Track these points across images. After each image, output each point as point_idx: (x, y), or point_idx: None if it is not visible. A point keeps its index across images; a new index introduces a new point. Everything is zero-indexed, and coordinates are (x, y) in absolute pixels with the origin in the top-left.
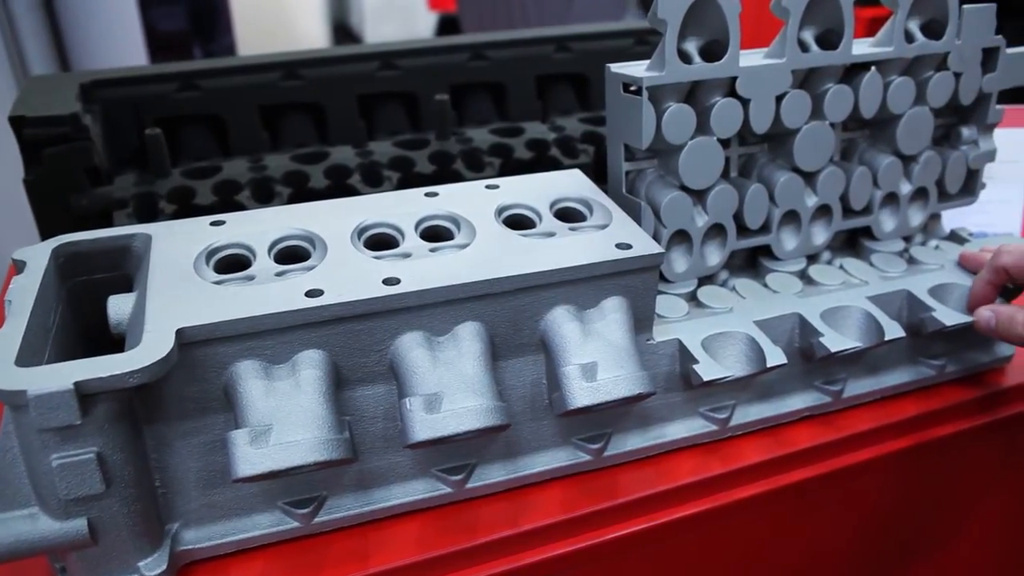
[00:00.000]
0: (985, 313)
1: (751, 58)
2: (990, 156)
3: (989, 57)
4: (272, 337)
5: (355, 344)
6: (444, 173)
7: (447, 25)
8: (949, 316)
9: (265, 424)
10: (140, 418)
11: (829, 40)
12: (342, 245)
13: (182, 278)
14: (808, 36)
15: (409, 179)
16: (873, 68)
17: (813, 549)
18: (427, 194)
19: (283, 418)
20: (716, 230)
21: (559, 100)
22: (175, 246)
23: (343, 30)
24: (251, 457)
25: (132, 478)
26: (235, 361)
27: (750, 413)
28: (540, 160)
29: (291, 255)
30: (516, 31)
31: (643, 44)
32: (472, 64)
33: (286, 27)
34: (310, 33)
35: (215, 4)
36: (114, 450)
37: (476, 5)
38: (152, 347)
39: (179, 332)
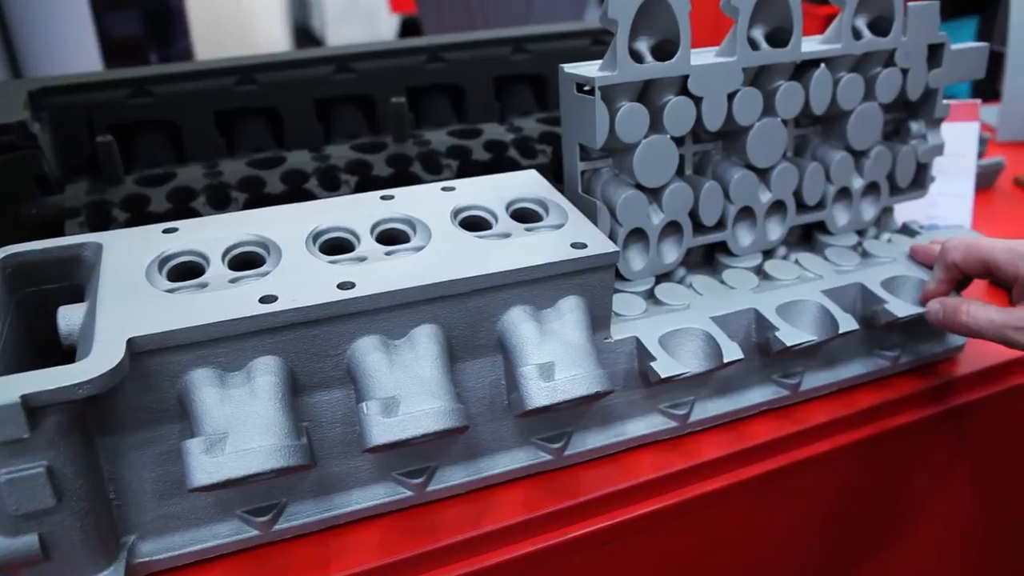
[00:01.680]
0: (934, 305)
1: (702, 56)
2: (938, 150)
3: (934, 53)
4: (226, 344)
5: (311, 349)
6: (402, 176)
7: (409, 27)
8: (901, 308)
9: (221, 432)
10: (92, 429)
11: (779, 38)
12: (297, 250)
13: (133, 287)
14: (758, 34)
15: (366, 183)
16: (823, 65)
17: (775, 541)
18: (383, 197)
19: (239, 426)
20: (672, 228)
21: (517, 101)
22: (126, 255)
23: (305, 33)
24: (207, 466)
25: (84, 491)
26: (189, 369)
27: (709, 408)
28: (498, 161)
29: (245, 261)
30: (473, 32)
31: (599, 44)
32: (429, 66)
33: (246, 31)
34: (271, 36)
35: (171, 8)
36: (65, 463)
37: (436, 7)
38: (102, 357)
39: (130, 342)
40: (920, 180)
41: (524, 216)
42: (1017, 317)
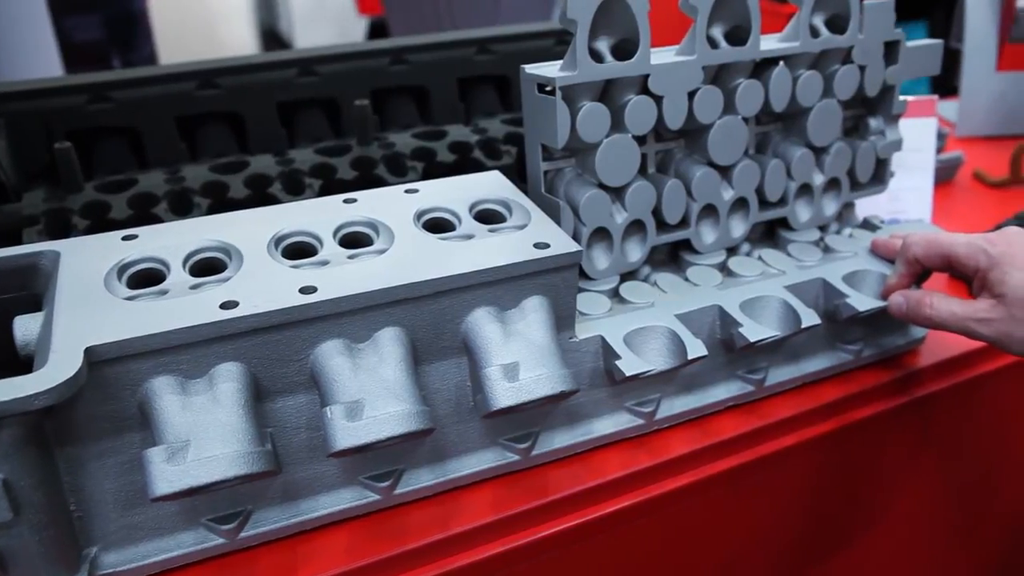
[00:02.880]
0: (897, 299)
1: (662, 56)
2: (897, 145)
3: (891, 50)
4: (187, 351)
5: (273, 355)
6: (366, 179)
7: (378, 29)
8: (862, 302)
9: (182, 440)
10: (51, 440)
11: (738, 36)
12: (259, 255)
13: (92, 295)
14: (717, 33)
15: (331, 186)
16: (782, 63)
17: (744, 536)
18: (346, 201)
19: (201, 433)
20: (636, 226)
21: (482, 102)
22: (85, 263)
23: (272, 36)
24: (168, 475)
25: (43, 503)
26: (149, 377)
27: (675, 405)
28: (463, 163)
29: (207, 267)
30: (436, 34)
31: (563, 44)
32: (393, 68)
33: (212, 34)
34: (237, 40)
35: (133, 13)
36: (22, 476)
37: (403, 9)
38: (59, 367)
39: (88, 351)
40: (880, 175)
41: (488, 217)
42: (977, 309)
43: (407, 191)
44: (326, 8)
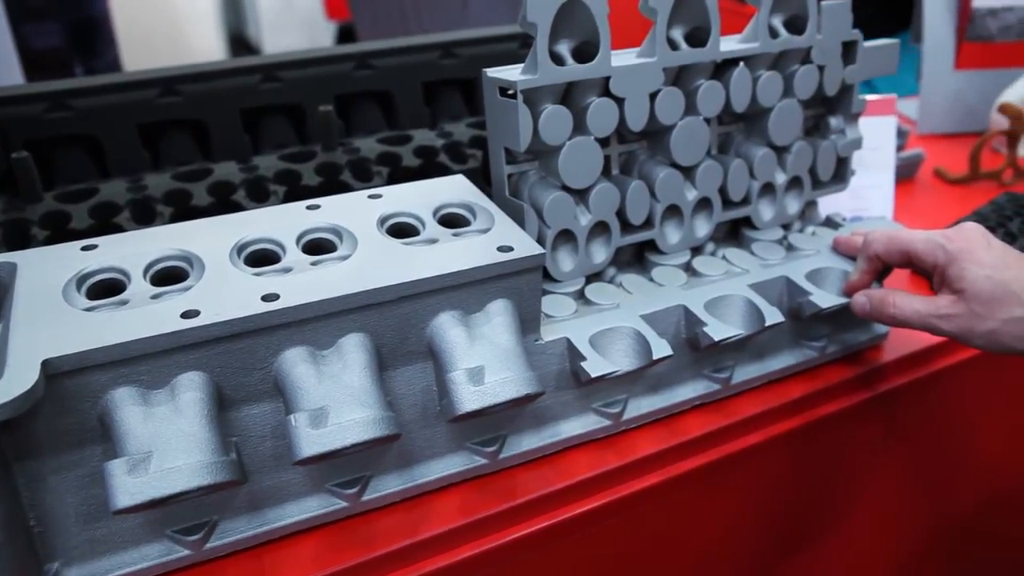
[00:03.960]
0: (860, 298)
1: (623, 58)
2: (857, 144)
3: (848, 50)
4: (147, 362)
5: (236, 363)
6: (331, 184)
7: (346, 34)
8: (825, 299)
9: (144, 452)
10: (8, 455)
11: (698, 38)
12: (221, 263)
13: (49, 307)
14: (677, 35)
15: (296, 192)
16: (742, 63)
17: (714, 534)
18: (309, 207)
19: (163, 444)
20: (600, 228)
21: (447, 106)
22: (43, 274)
23: (240, 41)
24: (129, 487)
25: (1, 520)
26: (109, 389)
27: (642, 406)
28: (429, 167)
29: (168, 277)
30: (401, 38)
31: (528, 47)
32: (357, 73)
33: (178, 40)
34: (204, 45)
35: (95, 18)
36: None
37: (371, 14)
38: (14, 381)
39: (45, 363)
40: (841, 174)
41: (452, 221)
42: (939, 306)
43: (371, 196)
44: (294, 13)
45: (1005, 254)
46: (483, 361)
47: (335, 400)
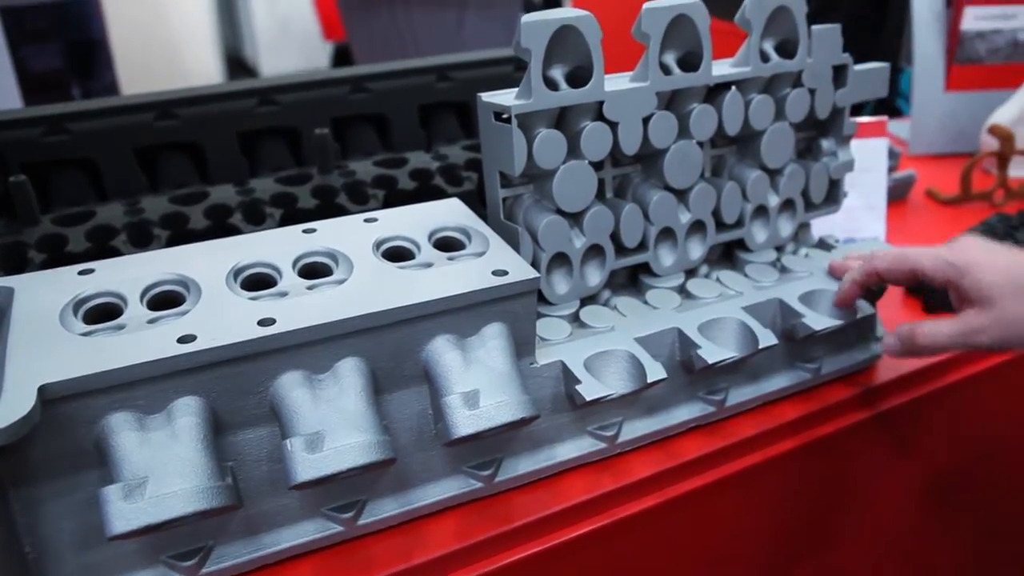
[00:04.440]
0: (889, 340)
1: (617, 82)
2: (849, 166)
3: (839, 74)
4: (144, 387)
5: (233, 388)
6: (328, 207)
7: (343, 54)
8: (818, 321)
9: (140, 477)
10: (4, 480)
11: (690, 62)
12: (217, 288)
13: (46, 331)
14: (670, 59)
15: (292, 215)
16: (734, 87)
17: (711, 556)
18: (305, 231)
19: (159, 469)
20: (595, 251)
21: (442, 128)
22: (40, 298)
23: (237, 62)
24: (125, 513)
25: None
26: (106, 414)
27: (637, 428)
28: (424, 190)
29: (165, 301)
30: (397, 62)
31: (522, 70)
32: (353, 96)
33: (175, 61)
34: (202, 66)
35: (93, 40)
36: None
37: (367, 35)
38: (11, 406)
39: (42, 388)
40: (833, 196)
41: (447, 245)
42: (968, 321)
43: (366, 220)
44: (291, 33)
45: (1008, 253)
46: (478, 385)
47: (331, 424)
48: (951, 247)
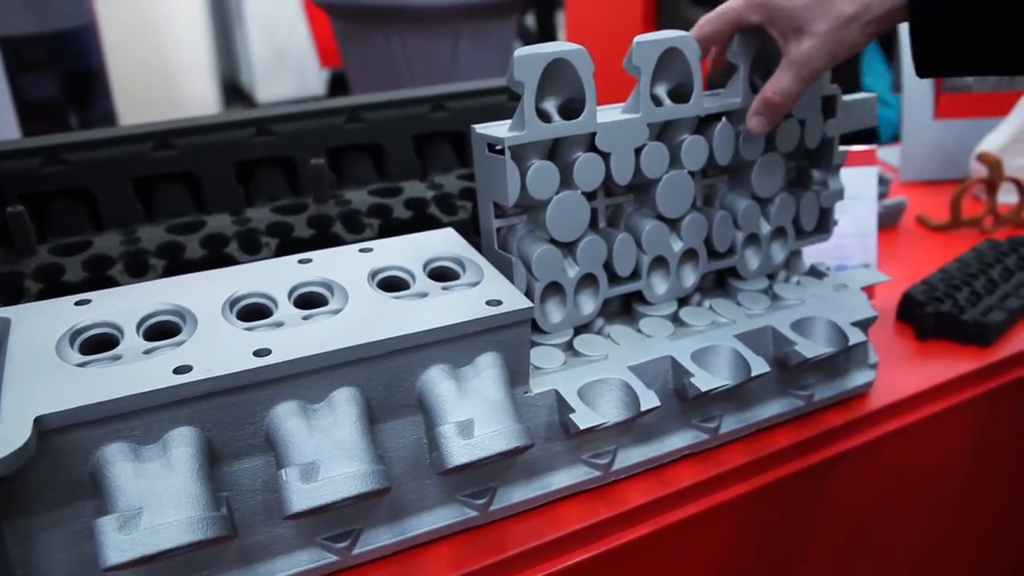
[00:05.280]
0: (752, 121)
1: (609, 114)
2: (839, 195)
3: (828, 104)
4: (140, 417)
5: (228, 418)
6: (323, 237)
7: (339, 82)
8: (810, 348)
9: (135, 508)
10: None
11: (681, 94)
12: (213, 318)
13: (43, 362)
14: (661, 91)
15: (288, 244)
16: (724, 118)
17: None
18: (301, 261)
19: (154, 500)
20: (588, 280)
21: (437, 158)
22: (36, 329)
23: (233, 89)
24: (120, 544)
25: None
26: (101, 445)
27: (632, 456)
28: (419, 219)
29: (161, 331)
30: (392, 92)
31: (516, 99)
32: (349, 126)
33: (172, 88)
34: (198, 94)
35: (91, 70)
36: None
37: (362, 63)
38: (7, 438)
39: (38, 420)
40: (824, 224)
41: (441, 275)
42: (795, 57)
43: (361, 250)
44: (287, 61)
45: None
46: (473, 414)
47: (326, 454)
48: None
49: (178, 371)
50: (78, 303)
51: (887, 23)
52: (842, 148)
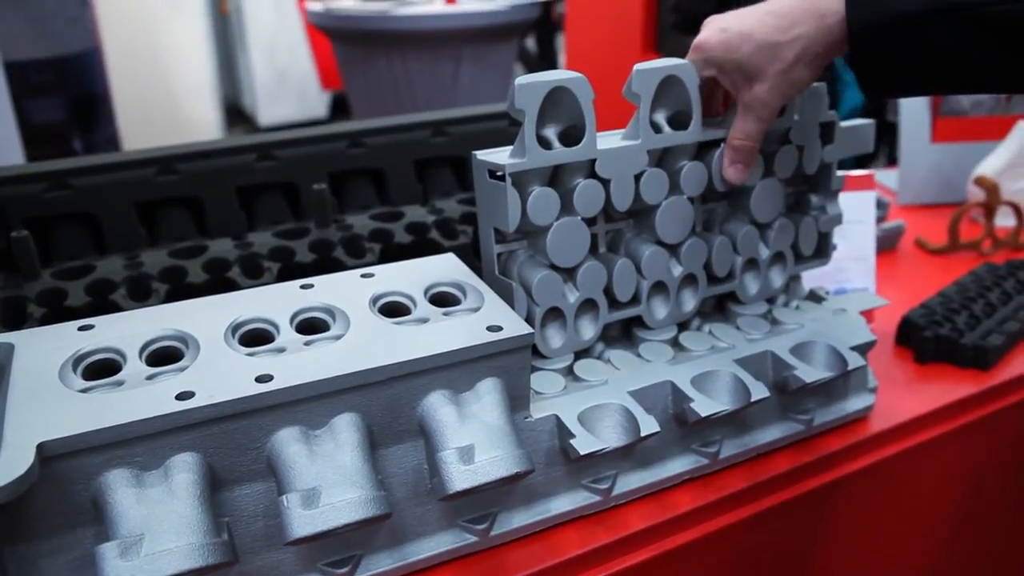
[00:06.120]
0: (729, 171)
1: (608, 140)
2: (837, 220)
3: (826, 131)
4: (142, 444)
5: (230, 444)
6: (325, 261)
7: (341, 104)
8: (809, 373)
9: (136, 534)
10: (0, 537)
11: (680, 121)
12: (215, 344)
13: (46, 388)
14: (660, 118)
15: (289, 269)
16: (723, 144)
17: None
18: (303, 286)
19: (156, 526)
20: (588, 305)
21: (439, 182)
22: (39, 355)
23: (236, 112)
24: (121, 571)
25: None
26: (103, 471)
27: (632, 481)
28: (420, 243)
29: (164, 356)
30: (393, 117)
31: (517, 124)
32: (351, 151)
33: (175, 112)
34: (201, 117)
35: (95, 94)
36: None
37: (364, 87)
38: (10, 465)
39: (40, 446)
40: (823, 248)
41: (442, 300)
42: (750, 103)
43: (363, 275)
44: (289, 83)
45: (737, 19)
46: (473, 440)
47: (327, 480)
48: (696, 47)
49: (180, 397)
50: (81, 328)
51: (831, 56)
52: (840, 173)
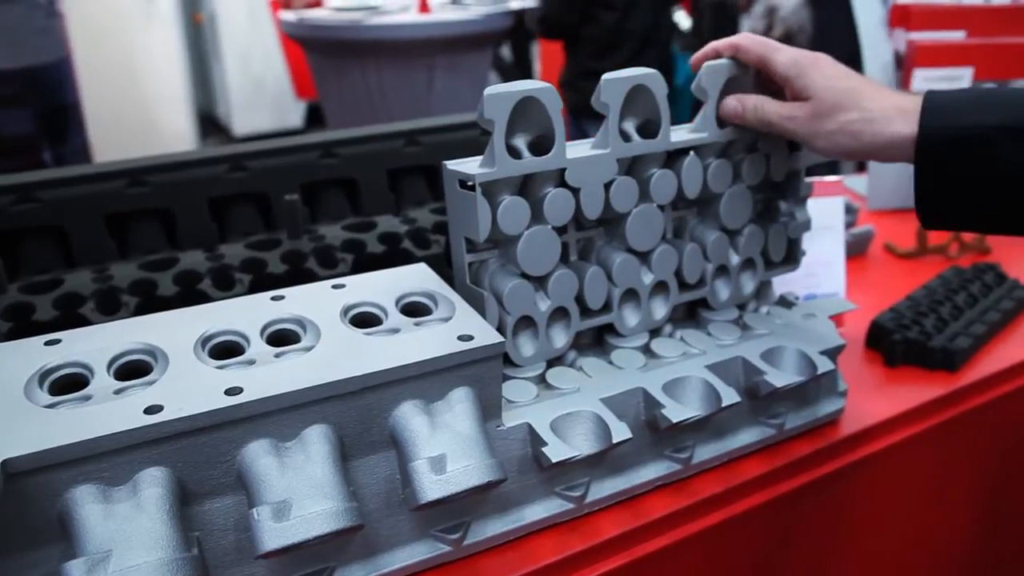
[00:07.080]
0: (732, 102)
1: (578, 149)
2: (806, 226)
3: None
4: (109, 459)
5: (200, 458)
6: (297, 272)
7: (316, 113)
8: (780, 378)
9: (104, 551)
10: None
11: (649, 129)
12: (185, 357)
13: (11, 404)
14: (630, 127)
15: (261, 280)
16: (692, 153)
17: None
18: (273, 298)
19: (123, 542)
20: (560, 313)
21: (411, 192)
22: (5, 370)
23: (210, 122)
24: None
25: None
26: (70, 487)
27: (605, 488)
28: (393, 253)
29: (132, 371)
30: (365, 127)
31: (489, 134)
32: (323, 162)
33: (148, 122)
34: (174, 127)
35: (65, 104)
36: None
37: (337, 95)
38: None
39: (5, 463)
40: (792, 254)
41: (414, 310)
42: (791, 109)
43: (334, 286)
44: (264, 93)
45: (848, 72)
46: (445, 449)
47: (298, 492)
48: (807, 53)
49: (149, 411)
50: (48, 343)
51: (882, 155)
52: (809, 179)
